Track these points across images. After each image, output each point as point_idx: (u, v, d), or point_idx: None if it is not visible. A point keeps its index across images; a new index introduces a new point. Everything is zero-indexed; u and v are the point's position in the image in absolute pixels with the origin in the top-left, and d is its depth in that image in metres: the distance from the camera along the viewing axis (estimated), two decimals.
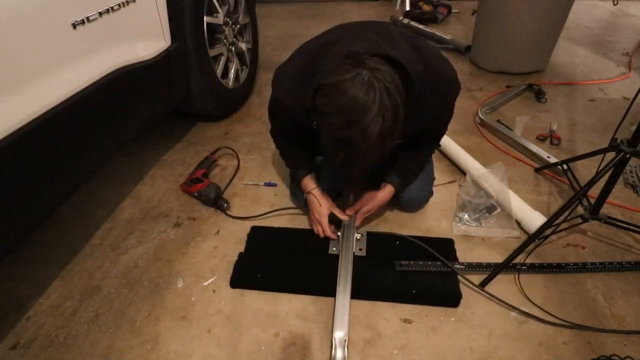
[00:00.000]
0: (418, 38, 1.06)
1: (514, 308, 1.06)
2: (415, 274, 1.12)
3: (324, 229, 1.21)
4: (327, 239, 1.22)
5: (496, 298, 1.08)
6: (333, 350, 0.95)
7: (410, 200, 1.31)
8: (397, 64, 0.82)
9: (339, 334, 0.96)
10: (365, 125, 0.75)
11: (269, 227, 1.33)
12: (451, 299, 1.08)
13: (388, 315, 1.06)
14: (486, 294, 1.10)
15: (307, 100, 0.87)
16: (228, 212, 1.38)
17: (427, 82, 0.91)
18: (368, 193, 1.24)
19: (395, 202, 1.35)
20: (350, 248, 1.16)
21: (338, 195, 1.34)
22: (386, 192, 1.22)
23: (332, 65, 0.81)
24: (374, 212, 1.27)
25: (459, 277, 1.12)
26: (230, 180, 1.53)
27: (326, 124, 0.80)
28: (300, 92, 0.94)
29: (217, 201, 1.39)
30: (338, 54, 0.84)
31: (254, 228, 1.31)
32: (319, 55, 0.94)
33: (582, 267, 1.15)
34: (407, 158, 1.23)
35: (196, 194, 1.42)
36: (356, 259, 1.15)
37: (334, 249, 1.20)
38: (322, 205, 1.22)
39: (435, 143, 1.29)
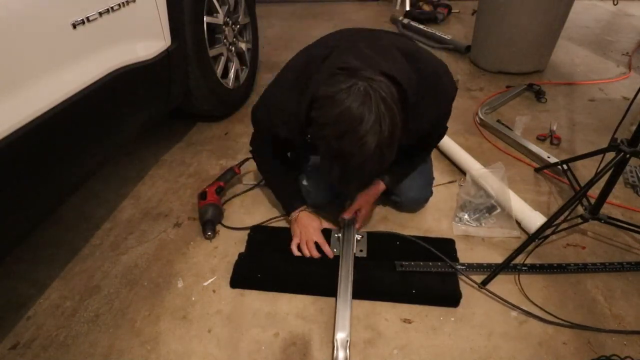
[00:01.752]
0: (411, 44, 1.04)
1: (514, 307, 1.06)
2: (416, 274, 1.12)
3: (322, 243, 1.19)
4: (328, 241, 1.21)
5: (497, 296, 1.08)
6: (335, 352, 0.94)
7: (410, 200, 1.31)
8: (391, 78, 0.80)
9: (340, 335, 0.96)
10: (362, 135, 0.73)
11: (269, 227, 1.33)
12: (451, 299, 1.07)
13: (388, 315, 1.06)
14: (488, 293, 1.10)
15: (301, 115, 0.86)
16: (210, 240, 1.29)
17: (422, 93, 0.90)
18: (359, 195, 1.23)
19: (395, 203, 1.35)
20: (350, 249, 1.16)
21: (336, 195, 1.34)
22: (375, 187, 1.21)
23: (326, 77, 0.79)
24: (367, 211, 1.26)
25: (460, 277, 1.12)
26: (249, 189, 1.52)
27: (321, 137, 0.78)
28: (292, 107, 0.92)
29: (204, 226, 1.29)
30: (332, 66, 0.82)
31: (254, 228, 1.31)
32: (309, 68, 0.93)
33: (582, 268, 1.15)
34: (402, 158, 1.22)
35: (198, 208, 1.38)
36: (357, 259, 1.15)
37: (335, 250, 1.20)
38: (314, 220, 1.22)
39: (432, 147, 1.29)
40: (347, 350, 0.94)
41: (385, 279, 1.12)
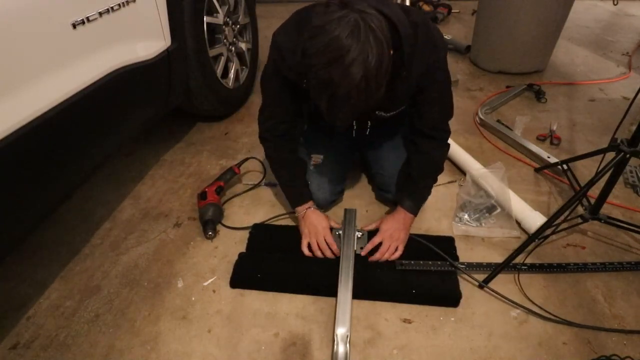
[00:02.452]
0: (411, 8, 1.04)
1: (516, 304, 1.06)
2: (416, 274, 1.12)
3: (330, 243, 1.18)
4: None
5: (500, 295, 1.08)
6: (335, 347, 0.95)
7: None
8: (387, 20, 0.81)
9: (340, 331, 0.96)
10: (347, 65, 0.74)
11: (270, 225, 1.33)
12: (451, 299, 1.08)
13: (388, 315, 1.06)
14: (489, 291, 1.10)
15: (299, 49, 0.86)
16: (211, 239, 1.29)
17: (415, 44, 0.91)
18: (384, 222, 1.21)
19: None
20: (351, 246, 1.16)
21: (339, 194, 1.34)
22: (400, 217, 1.19)
23: (320, 9, 0.80)
24: (391, 246, 1.17)
25: (461, 276, 1.12)
26: (249, 189, 1.52)
27: (310, 65, 0.79)
28: (292, 45, 0.95)
29: (205, 226, 1.29)
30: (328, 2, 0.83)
31: (255, 226, 1.32)
32: (308, 12, 0.96)
33: (582, 267, 1.15)
34: (416, 171, 1.18)
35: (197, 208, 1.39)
36: (356, 257, 1.15)
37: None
38: (323, 219, 1.21)
39: (440, 137, 1.16)
40: (348, 345, 0.95)
41: (385, 279, 1.12)
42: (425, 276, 1.12)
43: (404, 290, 1.09)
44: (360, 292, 1.08)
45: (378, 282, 1.11)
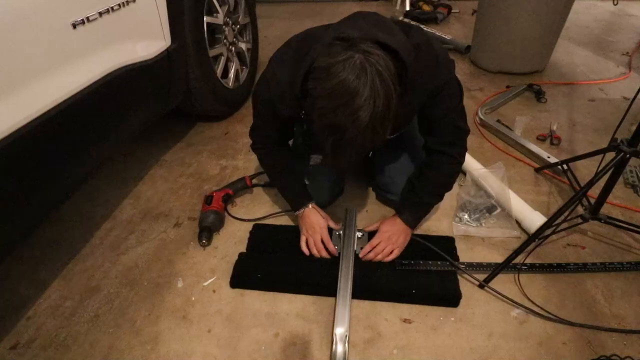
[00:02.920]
0: (411, 26, 1.02)
1: (516, 304, 1.06)
2: (416, 274, 1.12)
3: (327, 242, 1.18)
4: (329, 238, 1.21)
5: (500, 294, 1.08)
6: (334, 346, 0.95)
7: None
8: (388, 49, 0.80)
9: (339, 330, 0.97)
10: (355, 109, 0.73)
11: (271, 225, 1.33)
12: (451, 299, 1.08)
13: (388, 315, 1.06)
14: (490, 290, 1.10)
15: (297, 86, 0.86)
16: (204, 247, 1.28)
17: (418, 67, 0.90)
18: (384, 223, 1.20)
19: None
20: (351, 246, 1.16)
21: (339, 193, 1.35)
22: (396, 224, 1.18)
23: (323, 47, 0.79)
24: (386, 249, 1.16)
25: (461, 276, 1.12)
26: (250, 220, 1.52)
27: (316, 108, 0.78)
28: (289, 79, 0.93)
29: (201, 232, 1.27)
30: (329, 37, 0.82)
31: (256, 226, 1.32)
32: (306, 42, 0.93)
33: (582, 267, 1.15)
34: (421, 185, 1.15)
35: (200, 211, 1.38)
36: (356, 257, 1.16)
37: (336, 247, 1.20)
38: (320, 218, 1.20)
39: (450, 152, 1.10)
40: (346, 345, 0.95)
41: (385, 279, 1.12)
42: (425, 276, 1.12)
43: (404, 290, 1.09)
44: (360, 292, 1.08)
45: (378, 282, 1.11)
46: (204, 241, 1.26)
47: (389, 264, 1.15)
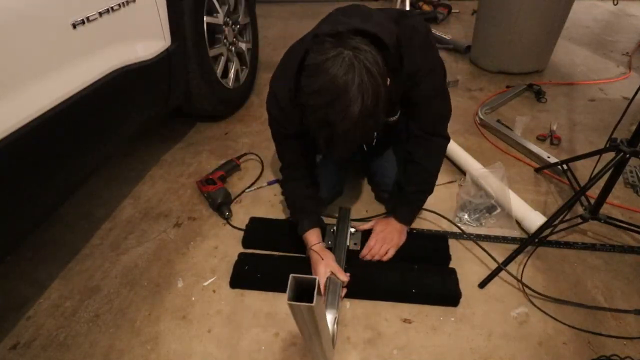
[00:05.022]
0: (404, 13, 1.04)
1: (527, 289, 1.06)
2: (415, 273, 1.12)
3: (337, 271, 1.07)
4: (324, 235, 1.21)
5: (513, 275, 1.08)
6: None
7: None
8: (368, 35, 0.81)
9: (328, 315, 0.94)
10: (345, 105, 0.75)
11: (267, 219, 1.34)
12: (451, 298, 1.08)
13: (388, 315, 1.06)
14: (490, 291, 1.10)
15: (291, 85, 0.88)
16: (230, 221, 1.35)
17: (403, 50, 0.93)
18: (378, 223, 1.21)
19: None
20: (344, 241, 1.17)
21: (337, 194, 1.35)
22: (391, 225, 1.19)
23: (313, 45, 0.81)
24: (382, 249, 1.17)
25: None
26: (251, 185, 1.52)
27: (308, 105, 0.80)
28: (286, 87, 0.96)
29: (220, 208, 1.37)
30: (320, 35, 0.83)
31: (252, 219, 1.32)
32: (297, 50, 0.97)
33: (591, 247, 1.22)
34: (408, 180, 1.17)
35: (205, 195, 1.42)
36: (356, 257, 1.16)
37: (329, 242, 1.20)
38: (324, 258, 1.08)
39: (432, 139, 1.12)
40: (335, 326, 0.94)
41: (384, 279, 1.12)
42: (425, 275, 1.12)
43: (403, 290, 1.09)
44: (359, 292, 1.09)
45: (377, 282, 1.11)
46: (227, 213, 1.35)
47: (388, 264, 1.15)
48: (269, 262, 1.18)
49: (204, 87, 1.64)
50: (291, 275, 0.64)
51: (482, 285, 1.12)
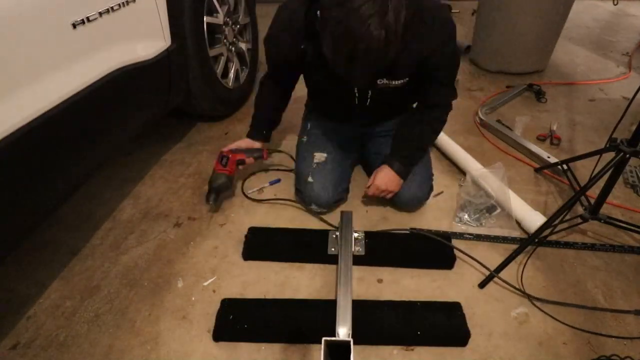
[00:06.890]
0: None
1: (523, 294, 1.06)
2: (419, 312, 1.04)
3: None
4: (325, 242, 1.22)
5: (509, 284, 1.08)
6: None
7: (409, 198, 1.31)
8: None
9: (342, 330, 0.94)
10: (367, 16, 0.76)
11: (267, 228, 1.32)
12: (459, 338, 1.00)
13: None
14: (497, 282, 1.10)
15: (301, 14, 0.94)
16: (211, 204, 1.35)
17: (426, 22, 0.98)
18: (378, 173, 1.28)
19: (393, 202, 1.35)
20: (349, 248, 1.16)
21: (344, 191, 1.37)
22: (394, 177, 1.26)
23: None
24: (378, 190, 1.28)
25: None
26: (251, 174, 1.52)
27: (329, 20, 0.81)
28: (293, 12, 1.03)
29: (210, 192, 1.30)
30: None
31: (251, 229, 1.30)
32: None
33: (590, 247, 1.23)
34: (407, 136, 1.26)
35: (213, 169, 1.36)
36: (354, 301, 1.02)
37: (333, 249, 1.20)
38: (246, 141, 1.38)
39: (443, 109, 1.24)
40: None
41: (387, 321, 1.03)
42: (429, 315, 1.04)
43: (407, 332, 1.01)
44: (361, 337, 0.95)
45: (380, 325, 1.02)
46: (210, 202, 1.31)
47: (390, 304, 1.07)
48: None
49: (204, 87, 1.64)
50: (323, 339, 0.64)
51: (482, 285, 1.12)
